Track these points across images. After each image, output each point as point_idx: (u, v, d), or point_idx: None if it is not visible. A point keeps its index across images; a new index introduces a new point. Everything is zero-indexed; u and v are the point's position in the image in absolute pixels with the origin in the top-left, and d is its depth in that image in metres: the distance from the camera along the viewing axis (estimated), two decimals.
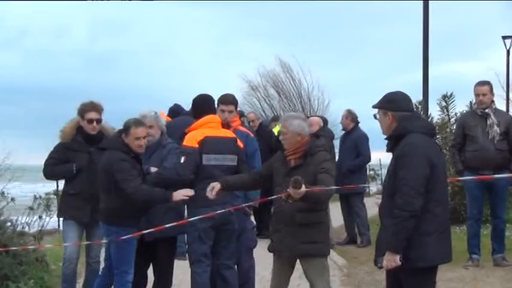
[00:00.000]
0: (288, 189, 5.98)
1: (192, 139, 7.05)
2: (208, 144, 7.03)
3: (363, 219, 12.55)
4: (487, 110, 9.77)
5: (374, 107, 5.51)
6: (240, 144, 7.35)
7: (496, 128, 9.67)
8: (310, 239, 6.33)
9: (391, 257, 5.11)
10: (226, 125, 7.53)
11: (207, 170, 6.99)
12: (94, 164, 7.45)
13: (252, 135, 7.97)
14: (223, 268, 7.23)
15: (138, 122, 7.04)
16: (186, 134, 7.20)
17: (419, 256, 5.12)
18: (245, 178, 6.88)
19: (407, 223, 5.03)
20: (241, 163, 7.28)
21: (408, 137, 5.22)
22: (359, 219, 12.54)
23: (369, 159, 13.03)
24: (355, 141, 12.52)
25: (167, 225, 6.95)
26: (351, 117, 12.89)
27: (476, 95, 9.88)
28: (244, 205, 7.35)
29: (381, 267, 5.27)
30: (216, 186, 6.57)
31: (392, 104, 5.39)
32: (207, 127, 7.15)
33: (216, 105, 7.55)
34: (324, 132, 11.40)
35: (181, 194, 6.80)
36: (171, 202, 6.86)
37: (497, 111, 10.01)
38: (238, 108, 8.71)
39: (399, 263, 5.09)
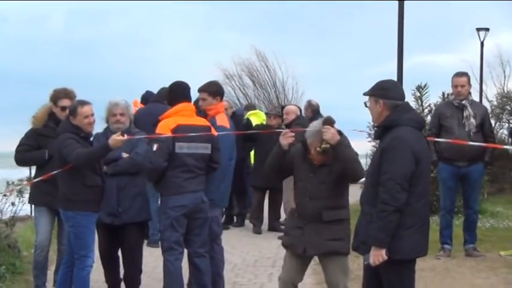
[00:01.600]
0: (323, 131, 5.87)
1: (165, 127, 7.01)
2: (181, 132, 6.98)
3: None
4: (463, 102, 9.81)
5: (365, 94, 5.46)
6: (215, 132, 7.30)
7: (472, 120, 9.71)
8: (335, 235, 6.15)
9: (377, 252, 5.09)
10: (201, 112, 7.51)
11: (179, 158, 6.96)
12: None
13: (220, 124, 7.57)
14: (196, 256, 7.22)
15: (83, 102, 7.09)
16: (159, 121, 7.17)
17: (396, 249, 5.10)
18: (289, 169, 6.41)
19: (392, 217, 5.02)
20: (215, 151, 7.24)
21: (397, 130, 5.18)
22: None
23: None
24: None
25: None
26: (310, 108, 12.93)
27: (455, 86, 9.91)
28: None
29: (368, 264, 5.22)
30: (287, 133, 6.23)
31: (384, 92, 5.34)
32: (181, 115, 7.10)
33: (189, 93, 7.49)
34: (300, 121, 11.44)
35: (115, 139, 6.75)
36: (111, 150, 6.85)
37: (473, 103, 10.07)
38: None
39: (386, 257, 5.07)
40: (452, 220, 10.15)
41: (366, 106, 5.50)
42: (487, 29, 29.98)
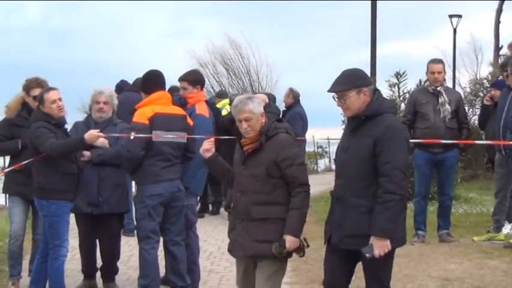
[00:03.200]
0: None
1: (142, 115, 6.99)
2: (158, 121, 6.96)
3: None
4: (439, 88, 9.86)
5: (341, 90, 5.14)
6: (190, 121, 7.30)
7: (447, 106, 9.77)
8: (265, 237, 5.46)
9: (383, 242, 4.96)
10: (179, 100, 7.50)
11: (156, 147, 6.94)
12: None
13: (199, 113, 7.63)
14: (172, 244, 7.22)
15: (48, 88, 7.09)
16: (136, 109, 7.14)
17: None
18: (228, 168, 6.02)
19: (399, 206, 4.97)
20: (191, 140, 7.23)
21: (383, 119, 5.08)
22: None
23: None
24: (289, 120, 12.46)
25: None
26: (292, 95, 12.92)
27: (431, 72, 9.94)
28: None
29: (370, 257, 4.98)
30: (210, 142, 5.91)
31: (364, 80, 5.19)
32: (157, 103, 7.08)
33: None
34: (270, 109, 11.38)
35: (92, 133, 6.80)
36: (86, 144, 6.86)
37: (448, 90, 10.15)
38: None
39: (390, 247, 4.99)
40: (426, 206, 10.22)
41: (335, 100, 5.24)
42: (459, 16, 30.02)
